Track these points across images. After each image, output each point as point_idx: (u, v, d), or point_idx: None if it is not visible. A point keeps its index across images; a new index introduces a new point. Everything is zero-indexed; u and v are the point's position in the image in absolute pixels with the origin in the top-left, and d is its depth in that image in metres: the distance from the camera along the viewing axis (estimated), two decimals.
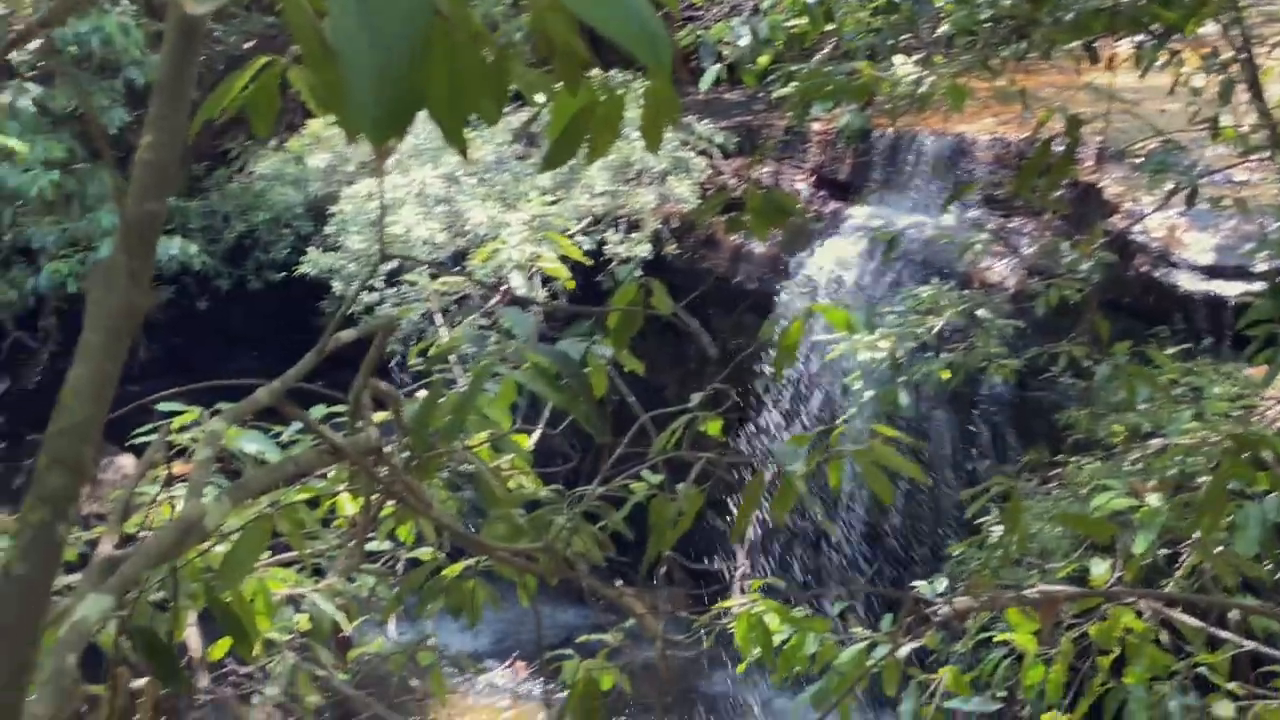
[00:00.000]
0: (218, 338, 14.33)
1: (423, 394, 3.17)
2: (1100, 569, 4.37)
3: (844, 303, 10.85)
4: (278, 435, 3.67)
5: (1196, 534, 4.63)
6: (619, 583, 3.75)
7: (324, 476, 3.83)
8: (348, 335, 2.67)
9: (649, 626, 3.29)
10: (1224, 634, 4.33)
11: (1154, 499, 4.71)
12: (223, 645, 3.82)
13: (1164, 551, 5.16)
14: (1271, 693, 4.25)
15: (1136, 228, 9.42)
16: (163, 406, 3.57)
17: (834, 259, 11.76)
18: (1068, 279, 7.23)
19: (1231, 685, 4.31)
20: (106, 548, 1.99)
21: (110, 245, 11.70)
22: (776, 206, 3.54)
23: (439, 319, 11.08)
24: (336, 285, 12.21)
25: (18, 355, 14.40)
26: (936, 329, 7.41)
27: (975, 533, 6.07)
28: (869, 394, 7.53)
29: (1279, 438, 4.82)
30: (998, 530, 5.70)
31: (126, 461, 12.32)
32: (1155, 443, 5.98)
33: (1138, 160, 8.36)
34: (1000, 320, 7.62)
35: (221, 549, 3.26)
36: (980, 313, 7.56)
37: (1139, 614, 4.26)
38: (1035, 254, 10.17)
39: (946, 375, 7.27)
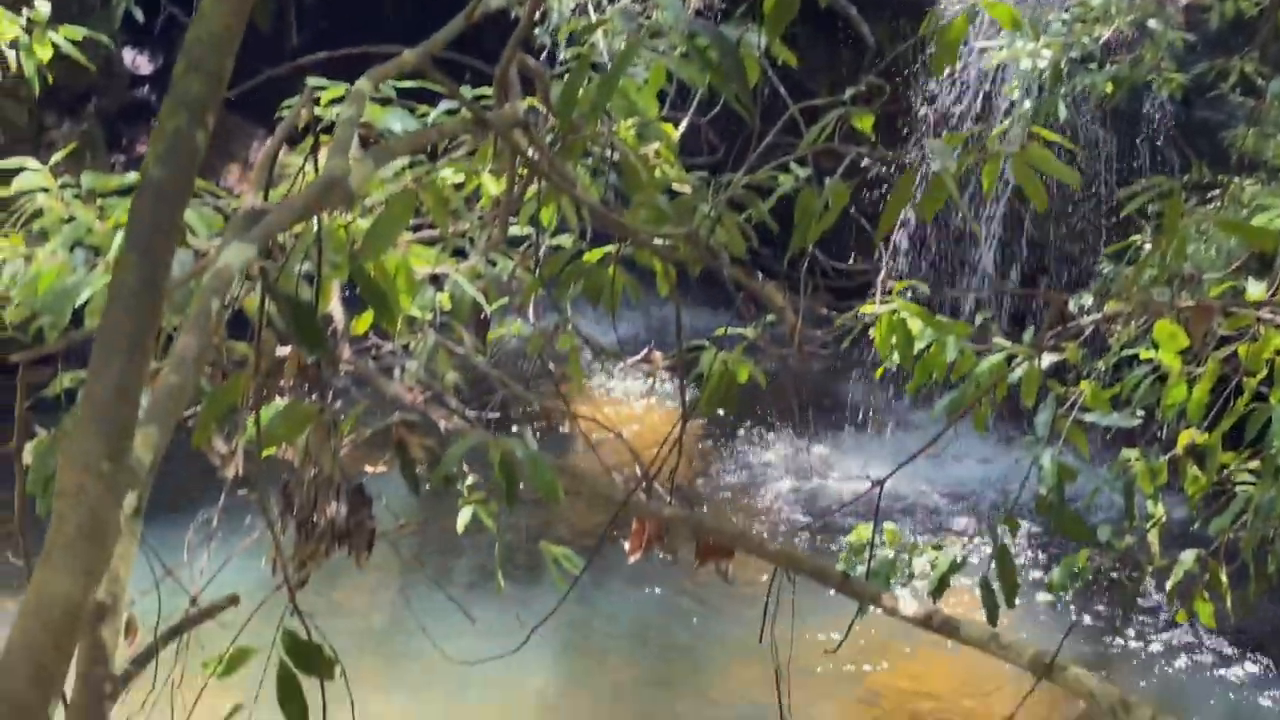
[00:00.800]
0: (369, 26, 14.26)
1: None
2: (1256, 289, 4.25)
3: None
4: (423, 116, 3.64)
5: None
6: (760, 277, 3.72)
7: (469, 156, 3.81)
8: (496, 1, 2.61)
9: (788, 319, 3.27)
10: None
11: None
12: (365, 320, 3.87)
13: None
14: None
15: None
16: (311, 82, 3.54)
17: None
18: None
19: None
20: (250, 202, 1.98)
21: None
22: None
23: (591, 12, 10.90)
24: None
25: (170, 31, 14.49)
26: (1103, 39, 7.12)
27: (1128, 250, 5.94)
28: (1028, 104, 7.31)
29: None
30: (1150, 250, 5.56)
31: None
32: None
33: None
34: (1171, 32, 7.29)
35: (365, 223, 3.28)
36: (1150, 23, 7.24)
37: None
38: None
39: (1110, 88, 7.01)
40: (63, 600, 1.14)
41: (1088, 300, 5.10)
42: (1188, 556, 4.62)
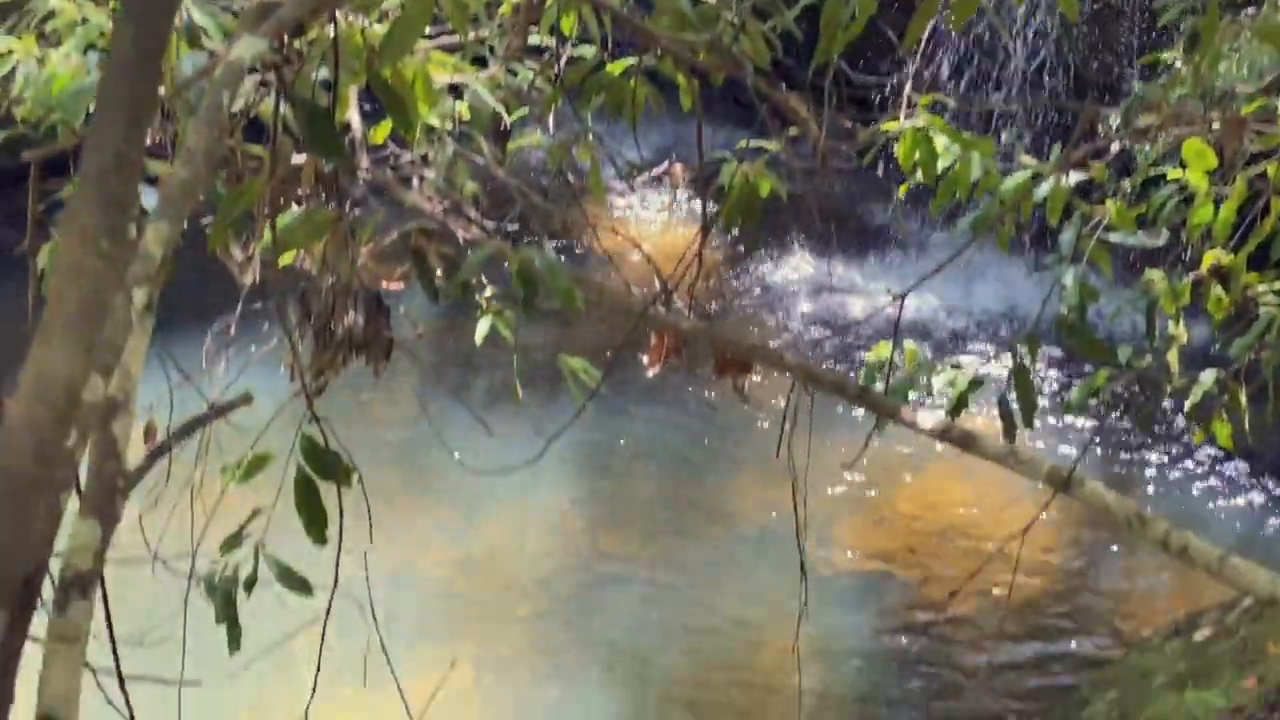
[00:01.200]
0: None
1: None
2: None
3: None
4: None
5: None
6: (783, 88, 3.65)
7: None
8: None
9: (812, 131, 3.22)
10: None
11: None
12: (384, 128, 3.83)
13: None
14: None
15: None
16: None
17: None
18: None
19: None
20: None
21: None
22: None
23: None
24: None
25: None
26: None
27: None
28: None
29: None
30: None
31: None
32: None
33: None
34: None
35: (383, 29, 3.22)
36: None
37: None
38: None
39: None
40: (63, 378, 1.13)
41: (1115, 119, 5.01)
42: (1207, 377, 4.60)
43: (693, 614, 8.18)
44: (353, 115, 3.87)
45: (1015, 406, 3.67)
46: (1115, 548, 8.63)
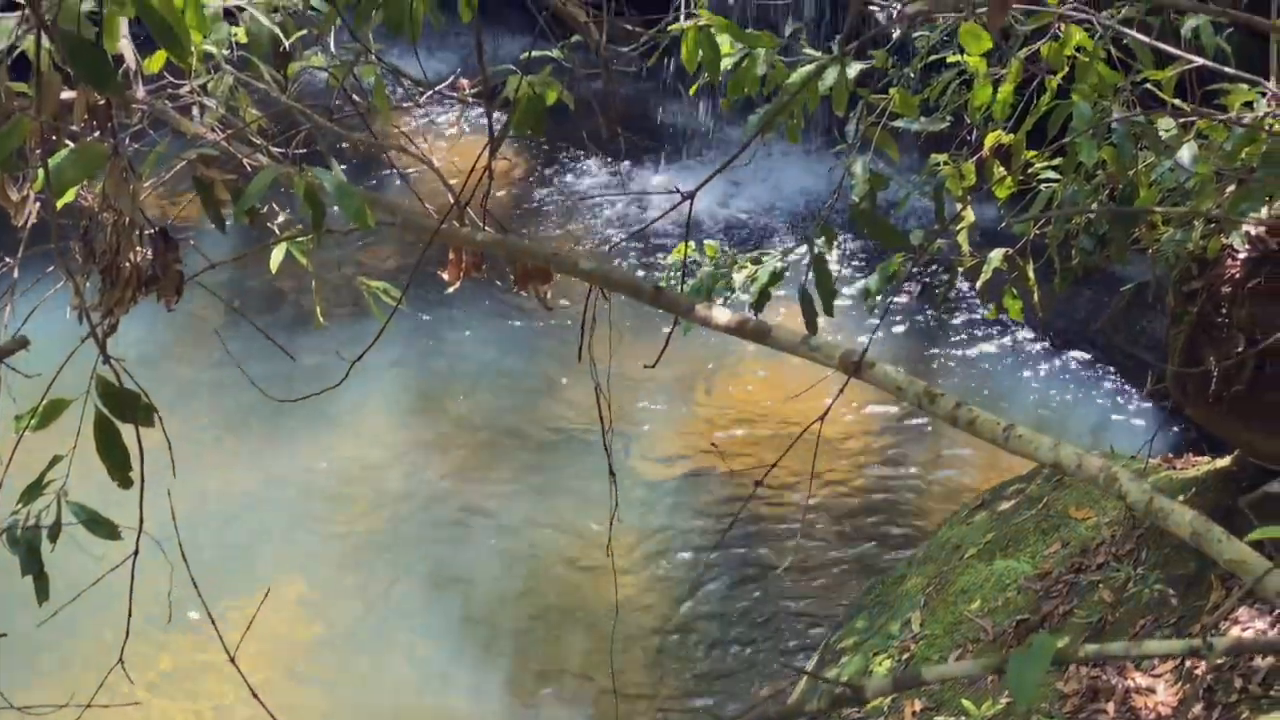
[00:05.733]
0: None
1: None
2: None
3: None
4: None
5: None
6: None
7: None
8: None
9: (591, 35, 3.21)
10: (1174, 51, 4.29)
11: None
12: (159, 58, 3.73)
13: None
14: (1215, 110, 4.25)
15: None
16: None
17: None
18: None
19: (1177, 102, 4.31)
20: None
21: None
22: None
23: None
24: None
25: None
26: None
27: None
28: None
29: None
30: None
31: None
32: None
33: None
34: None
35: None
36: None
37: (1091, 34, 4.21)
38: None
39: None
40: None
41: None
42: (995, 255, 4.73)
43: (515, 529, 8.22)
44: (125, 46, 3.76)
45: (815, 296, 3.74)
46: (922, 425, 8.87)
